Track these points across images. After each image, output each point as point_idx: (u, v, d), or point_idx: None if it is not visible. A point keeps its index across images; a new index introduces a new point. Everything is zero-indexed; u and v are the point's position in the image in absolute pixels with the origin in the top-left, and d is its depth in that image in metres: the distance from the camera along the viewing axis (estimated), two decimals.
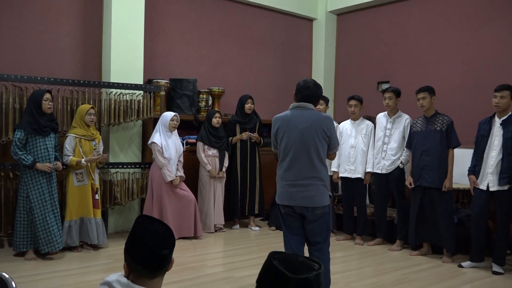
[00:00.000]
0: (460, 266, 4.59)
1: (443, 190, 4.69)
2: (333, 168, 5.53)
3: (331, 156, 3.52)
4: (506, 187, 4.34)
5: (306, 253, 3.44)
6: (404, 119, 5.21)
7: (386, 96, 5.22)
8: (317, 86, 3.40)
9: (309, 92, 3.35)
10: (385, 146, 5.26)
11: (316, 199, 3.27)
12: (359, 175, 5.43)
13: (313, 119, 3.30)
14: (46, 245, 4.37)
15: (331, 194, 3.40)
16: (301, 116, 3.32)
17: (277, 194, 3.45)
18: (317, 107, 5.48)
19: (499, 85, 4.47)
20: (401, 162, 5.16)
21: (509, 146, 4.32)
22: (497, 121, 4.45)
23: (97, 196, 4.84)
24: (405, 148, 5.14)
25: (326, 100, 5.66)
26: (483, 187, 4.46)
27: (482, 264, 4.53)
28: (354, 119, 5.58)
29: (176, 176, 5.29)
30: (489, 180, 4.42)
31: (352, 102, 5.51)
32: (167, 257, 1.62)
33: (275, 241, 5.49)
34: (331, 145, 3.37)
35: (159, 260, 1.61)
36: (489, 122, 4.52)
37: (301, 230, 3.41)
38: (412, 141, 4.98)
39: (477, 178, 4.54)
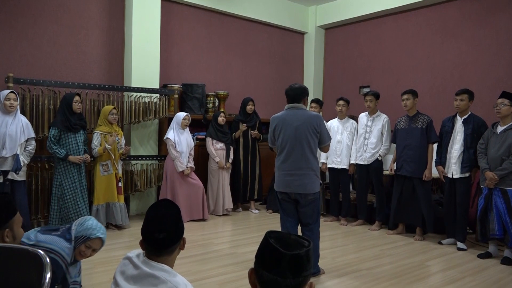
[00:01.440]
0: (440, 243, 4.58)
1: (423, 179, 4.67)
2: (322, 160, 5.51)
3: (325, 149, 3.44)
4: (467, 174, 4.37)
5: (299, 232, 3.43)
6: (383, 118, 5.18)
7: (368, 99, 5.19)
8: (300, 87, 3.37)
9: (292, 93, 3.35)
10: (366, 141, 5.24)
11: (308, 187, 3.26)
12: (344, 166, 5.41)
13: (305, 117, 3.27)
14: None
15: (321, 182, 3.39)
16: (294, 115, 3.30)
17: (275, 182, 3.43)
18: (312, 110, 5.47)
19: (459, 89, 4.47)
20: (379, 155, 5.15)
21: (468, 141, 4.33)
22: (459, 120, 4.44)
23: (120, 184, 4.82)
24: (383, 143, 5.12)
25: (320, 103, 5.61)
26: (449, 175, 4.46)
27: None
28: (341, 117, 5.55)
29: (187, 167, 5.27)
30: (452, 169, 4.42)
31: (341, 102, 5.48)
32: (163, 240, 1.58)
33: (272, 222, 5.48)
34: (322, 139, 3.33)
35: (156, 242, 1.59)
36: (452, 120, 4.52)
37: (295, 213, 3.40)
38: (396, 137, 4.96)
39: (443, 168, 4.53)
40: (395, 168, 4.91)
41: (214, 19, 6.65)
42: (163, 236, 1.58)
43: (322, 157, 5.48)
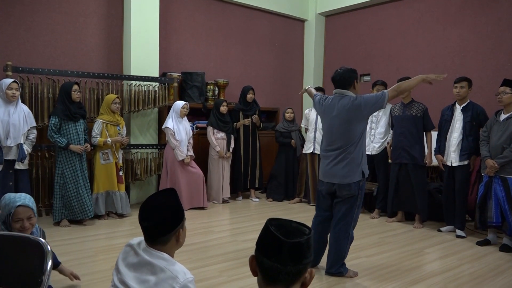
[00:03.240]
0: (439, 230, 4.61)
1: (425, 164, 4.70)
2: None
3: (393, 95, 3.04)
4: (465, 162, 4.38)
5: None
6: (389, 107, 5.15)
7: (380, 89, 5.10)
8: (346, 71, 3.10)
9: (339, 78, 3.11)
10: (372, 131, 5.23)
11: (345, 178, 3.10)
12: None
13: (341, 107, 3.06)
14: (80, 213, 4.43)
15: (364, 174, 3.14)
16: (335, 104, 3.11)
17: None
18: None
19: (458, 77, 4.45)
20: (387, 143, 5.15)
21: (467, 129, 4.34)
22: (458, 108, 4.44)
23: (121, 173, 4.84)
24: (390, 131, 5.13)
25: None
26: (448, 163, 4.47)
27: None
28: None
29: (186, 156, 5.27)
30: (451, 157, 4.43)
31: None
32: (147, 229, 1.58)
33: (272, 210, 5.51)
34: (374, 106, 3.02)
35: (143, 230, 1.60)
36: (451, 109, 4.52)
37: (328, 208, 3.29)
38: (392, 124, 4.97)
39: (442, 156, 4.54)
40: (391, 153, 4.94)
41: (213, 6, 6.59)
42: (146, 225, 1.58)
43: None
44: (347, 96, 3.09)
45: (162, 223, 1.57)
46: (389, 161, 5.10)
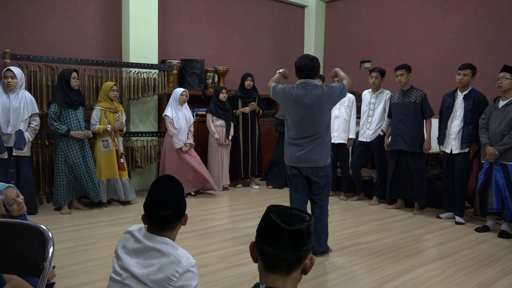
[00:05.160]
0: (438, 217, 4.64)
1: (424, 152, 4.70)
2: (351, 135, 5.42)
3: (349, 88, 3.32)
4: (466, 150, 4.38)
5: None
6: (385, 94, 5.13)
7: (373, 75, 5.09)
8: (312, 60, 3.22)
9: (307, 68, 3.20)
10: (369, 118, 5.21)
11: (319, 161, 3.29)
12: (341, 141, 5.39)
13: (317, 95, 3.17)
14: (94, 196, 4.51)
15: (331, 153, 3.41)
16: (306, 94, 3.19)
17: (285, 156, 3.43)
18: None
19: (462, 64, 4.41)
20: (381, 130, 5.14)
21: (468, 116, 4.32)
22: (460, 95, 4.41)
23: (122, 160, 4.84)
24: (386, 118, 5.11)
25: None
26: (447, 150, 4.47)
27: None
28: None
29: (185, 144, 5.26)
30: (452, 145, 4.43)
31: (336, 78, 5.38)
32: (167, 217, 1.59)
33: (272, 197, 5.53)
34: (340, 94, 3.24)
35: (160, 219, 1.60)
36: (452, 96, 4.49)
37: (304, 189, 3.44)
38: (391, 111, 4.96)
39: (442, 143, 4.54)
40: (389, 141, 4.94)
41: None
42: (167, 213, 1.59)
43: (351, 132, 5.41)
44: (318, 85, 3.23)
45: (178, 210, 1.63)
46: (385, 148, 5.09)
